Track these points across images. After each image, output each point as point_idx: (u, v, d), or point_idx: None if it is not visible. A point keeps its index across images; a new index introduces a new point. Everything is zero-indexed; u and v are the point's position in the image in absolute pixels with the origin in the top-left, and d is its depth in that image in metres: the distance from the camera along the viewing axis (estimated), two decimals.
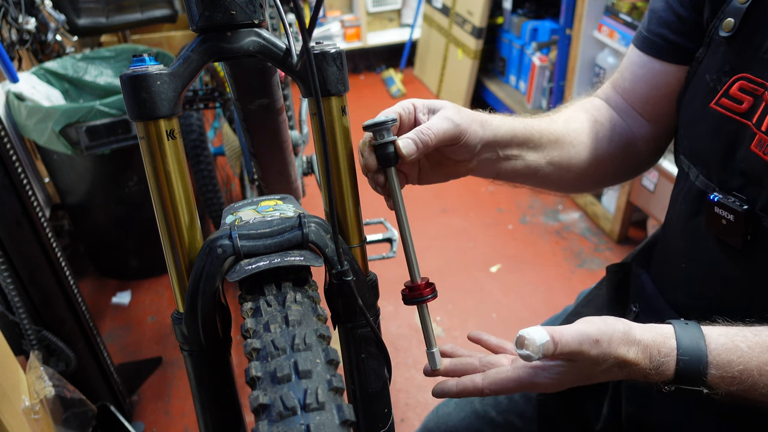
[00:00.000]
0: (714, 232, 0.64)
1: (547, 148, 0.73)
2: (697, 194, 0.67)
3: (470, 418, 0.94)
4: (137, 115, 0.46)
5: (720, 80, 0.63)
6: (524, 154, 0.70)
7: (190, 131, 1.94)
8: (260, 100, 0.67)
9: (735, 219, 0.60)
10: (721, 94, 0.63)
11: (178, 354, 1.90)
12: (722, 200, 0.62)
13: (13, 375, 1.16)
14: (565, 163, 0.74)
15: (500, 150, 0.68)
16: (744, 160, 0.60)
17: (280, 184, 0.88)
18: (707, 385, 0.53)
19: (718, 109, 0.63)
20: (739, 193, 0.61)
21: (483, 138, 0.64)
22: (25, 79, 1.97)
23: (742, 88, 0.61)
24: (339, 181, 0.55)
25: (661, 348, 0.54)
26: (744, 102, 0.61)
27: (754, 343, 0.53)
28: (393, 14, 4.17)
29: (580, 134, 0.76)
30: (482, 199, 2.68)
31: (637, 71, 0.76)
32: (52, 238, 1.34)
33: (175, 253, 0.51)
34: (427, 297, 0.61)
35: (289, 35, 0.50)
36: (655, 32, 0.72)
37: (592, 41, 2.43)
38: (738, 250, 0.62)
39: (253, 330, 0.46)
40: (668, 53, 0.72)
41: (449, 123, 0.59)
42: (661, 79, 0.73)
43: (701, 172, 0.67)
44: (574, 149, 0.75)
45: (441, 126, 0.59)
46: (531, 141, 0.70)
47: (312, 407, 0.39)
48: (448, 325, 1.99)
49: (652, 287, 0.76)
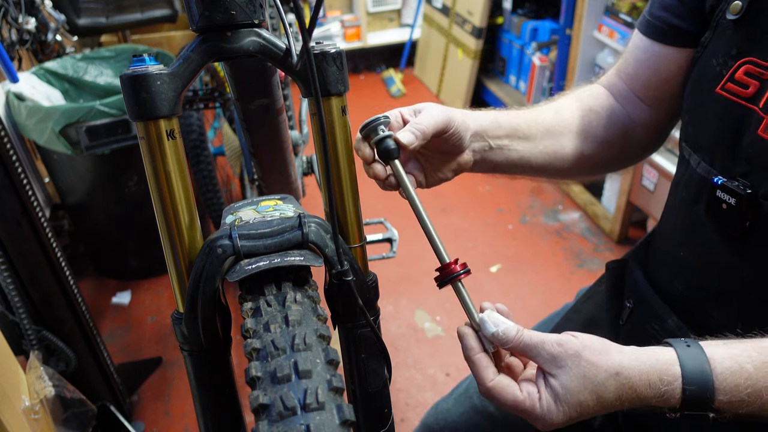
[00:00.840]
0: (713, 218, 0.64)
1: (537, 138, 0.75)
2: (699, 181, 0.67)
3: (469, 413, 0.94)
4: (137, 115, 0.46)
5: (726, 64, 0.63)
6: (514, 144, 0.73)
7: (190, 131, 1.94)
8: (260, 100, 0.67)
9: (736, 203, 0.60)
10: (727, 79, 0.63)
11: (178, 354, 1.90)
12: (726, 183, 0.62)
13: (13, 375, 1.16)
14: (559, 151, 0.76)
15: (491, 140, 0.71)
16: (751, 146, 0.60)
17: (280, 184, 0.88)
18: (715, 410, 0.52)
19: (723, 94, 0.63)
20: (743, 179, 0.61)
21: (470, 127, 0.68)
22: (25, 79, 1.97)
23: (748, 72, 0.61)
24: (339, 181, 0.55)
25: (663, 376, 0.52)
26: (750, 86, 0.60)
27: (760, 363, 0.52)
28: (393, 14, 4.17)
29: (570, 123, 0.77)
30: (482, 199, 2.68)
31: (640, 55, 0.77)
32: (52, 238, 1.34)
33: (175, 253, 0.51)
34: (460, 273, 0.58)
35: (289, 35, 0.50)
36: (656, 16, 0.73)
37: (592, 41, 2.43)
38: (736, 237, 0.62)
39: (253, 330, 0.46)
40: (669, 36, 0.72)
41: (438, 111, 0.64)
42: (662, 63, 0.74)
43: (703, 159, 0.67)
44: (566, 138, 0.76)
45: (432, 115, 0.63)
46: (518, 131, 0.73)
47: (312, 407, 0.39)
48: (447, 325, 1.99)
49: (645, 283, 0.77)
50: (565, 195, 2.68)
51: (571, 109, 0.79)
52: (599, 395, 0.52)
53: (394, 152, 0.60)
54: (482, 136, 0.70)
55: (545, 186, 2.76)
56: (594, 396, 0.52)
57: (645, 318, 0.75)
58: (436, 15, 3.62)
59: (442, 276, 0.59)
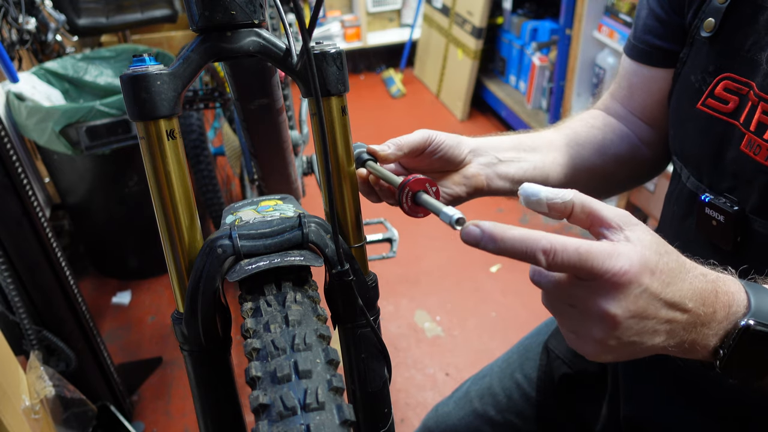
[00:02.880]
0: (705, 233, 0.64)
1: (545, 150, 0.74)
2: (689, 195, 0.67)
3: (469, 417, 0.94)
4: (137, 115, 0.46)
5: (705, 80, 0.63)
6: (522, 155, 0.72)
7: (190, 131, 1.94)
8: (260, 100, 0.67)
9: (725, 220, 0.60)
10: (707, 95, 0.63)
11: (178, 354, 1.90)
12: (713, 201, 0.61)
13: (13, 375, 1.16)
14: (570, 164, 0.75)
15: (495, 153, 0.71)
16: (734, 161, 0.60)
17: (280, 184, 0.88)
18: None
19: (704, 109, 0.63)
20: (730, 194, 0.61)
21: (461, 143, 0.68)
22: (25, 79, 1.97)
23: (727, 87, 0.61)
24: (339, 181, 0.55)
25: (721, 295, 0.43)
26: (730, 102, 0.60)
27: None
28: (393, 14, 4.17)
29: (577, 140, 0.77)
30: (482, 199, 2.67)
31: (631, 79, 0.77)
32: (52, 238, 1.34)
33: (175, 253, 0.51)
34: (409, 180, 0.54)
35: (289, 35, 0.49)
36: (641, 39, 0.73)
37: (592, 41, 2.43)
38: (728, 252, 0.61)
39: (253, 330, 0.46)
40: (656, 58, 0.72)
41: (418, 131, 0.65)
42: (654, 84, 0.74)
43: (692, 173, 0.67)
44: (576, 151, 0.76)
45: (410, 135, 0.65)
46: (523, 144, 0.73)
47: (312, 407, 0.39)
48: (447, 325, 1.99)
49: None
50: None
51: (572, 127, 0.79)
52: (679, 275, 0.42)
53: (363, 155, 0.63)
54: (484, 151, 0.70)
55: None
56: (672, 276, 0.42)
57: None
58: (436, 15, 3.62)
59: (401, 189, 0.54)
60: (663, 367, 0.72)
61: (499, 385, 0.93)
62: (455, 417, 0.96)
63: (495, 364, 0.98)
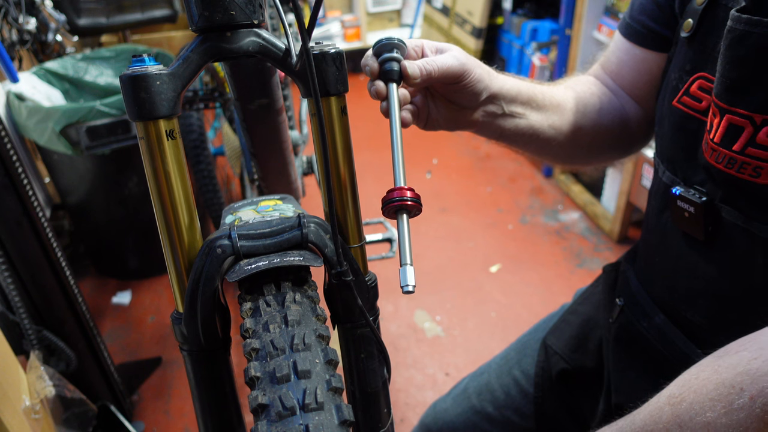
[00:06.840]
0: (679, 225, 0.66)
1: (549, 111, 0.74)
2: (664, 189, 0.69)
3: (467, 414, 0.94)
4: (137, 116, 0.46)
5: (682, 79, 0.65)
6: (528, 113, 0.72)
7: (190, 131, 1.94)
8: (260, 100, 0.67)
9: (695, 211, 0.62)
10: (683, 92, 0.64)
11: (178, 354, 1.90)
12: (683, 193, 0.63)
13: (13, 375, 1.16)
14: (565, 128, 0.76)
15: (505, 105, 0.69)
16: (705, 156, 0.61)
17: (280, 184, 0.88)
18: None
19: (679, 106, 0.65)
20: (701, 187, 0.63)
21: (489, 87, 0.65)
22: (25, 79, 1.98)
23: (701, 87, 0.62)
24: (339, 181, 0.55)
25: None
26: (703, 101, 0.62)
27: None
28: (393, 14, 4.17)
29: (578, 103, 0.77)
30: (482, 199, 2.68)
31: (622, 57, 0.78)
32: (53, 238, 1.34)
33: (174, 253, 0.51)
34: (406, 199, 0.51)
35: (288, 35, 0.50)
36: (636, 19, 0.73)
37: (592, 41, 2.43)
38: (701, 242, 0.63)
39: (252, 330, 0.46)
40: (648, 40, 0.73)
41: (455, 60, 0.61)
42: (644, 65, 0.75)
43: (667, 168, 0.68)
44: (574, 116, 0.76)
45: (446, 61, 0.61)
46: (534, 101, 0.72)
47: (311, 407, 0.39)
48: (447, 325, 1.99)
49: (636, 282, 0.78)
50: (565, 195, 2.68)
51: (576, 90, 0.79)
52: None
53: (393, 74, 0.59)
54: (499, 100, 0.68)
55: (545, 186, 2.76)
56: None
57: (634, 315, 0.76)
58: (436, 15, 3.62)
59: (388, 197, 0.52)
60: (646, 355, 0.73)
61: (497, 382, 0.93)
62: (453, 414, 0.96)
63: (493, 361, 0.99)
